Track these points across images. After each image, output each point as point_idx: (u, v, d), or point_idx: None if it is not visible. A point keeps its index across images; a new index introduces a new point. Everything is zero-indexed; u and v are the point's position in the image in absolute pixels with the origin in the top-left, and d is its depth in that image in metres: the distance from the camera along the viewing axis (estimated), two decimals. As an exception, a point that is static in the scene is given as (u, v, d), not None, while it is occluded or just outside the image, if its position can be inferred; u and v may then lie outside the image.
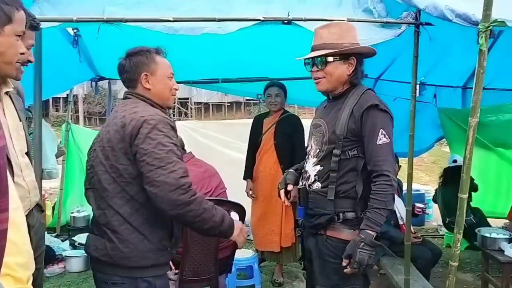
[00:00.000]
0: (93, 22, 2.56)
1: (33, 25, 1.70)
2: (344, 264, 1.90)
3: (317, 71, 2.02)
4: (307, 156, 2.14)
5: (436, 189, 5.45)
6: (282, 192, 2.16)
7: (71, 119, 5.27)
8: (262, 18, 2.58)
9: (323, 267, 2.02)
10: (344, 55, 1.98)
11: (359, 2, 3.00)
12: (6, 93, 1.72)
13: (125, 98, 1.90)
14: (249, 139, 4.09)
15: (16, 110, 1.77)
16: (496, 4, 1.86)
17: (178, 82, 5.44)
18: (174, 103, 22.73)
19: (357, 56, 2.03)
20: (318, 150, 2.04)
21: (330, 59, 1.98)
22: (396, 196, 3.83)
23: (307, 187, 2.05)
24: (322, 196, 2.00)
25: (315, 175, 2.03)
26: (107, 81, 5.02)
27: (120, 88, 21.29)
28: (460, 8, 2.02)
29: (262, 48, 3.86)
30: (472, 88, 5.01)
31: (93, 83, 4.81)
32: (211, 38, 2.87)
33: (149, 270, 1.76)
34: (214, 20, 2.55)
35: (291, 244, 3.86)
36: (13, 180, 1.58)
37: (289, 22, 2.64)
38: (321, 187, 2.00)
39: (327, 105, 2.12)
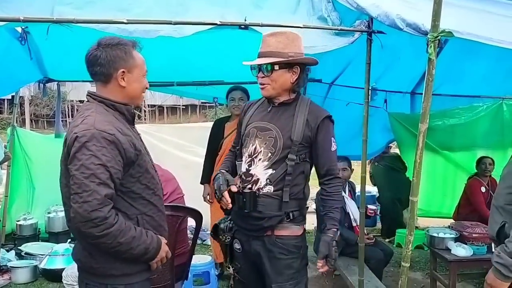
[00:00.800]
0: (41, 22, 2.45)
1: None
2: (320, 264, 2.06)
3: (263, 77, 2.08)
4: (249, 159, 2.12)
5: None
6: (226, 194, 2.08)
7: (16, 122, 5.01)
8: (219, 22, 2.57)
9: (275, 265, 2.09)
10: (288, 64, 2.06)
11: (313, 10, 3.05)
12: None
13: (87, 99, 1.75)
14: (208, 143, 4.03)
15: None
16: (444, 14, 1.95)
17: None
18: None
19: (300, 65, 2.11)
20: (270, 154, 2.08)
21: (276, 67, 2.05)
22: (349, 198, 3.95)
23: (254, 192, 2.07)
24: (274, 198, 2.06)
25: (266, 179, 2.07)
26: (56, 83, 4.81)
27: (69, 90, 20.51)
28: (411, 18, 2.09)
29: (218, 51, 3.86)
30: (421, 93, 5.26)
31: (41, 85, 4.60)
32: (166, 41, 2.82)
33: (120, 278, 1.71)
34: (169, 23, 2.51)
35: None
36: None
37: (246, 27, 2.64)
38: (274, 190, 2.07)
39: (271, 110, 2.15)
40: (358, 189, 6.82)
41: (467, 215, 4.50)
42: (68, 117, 22.11)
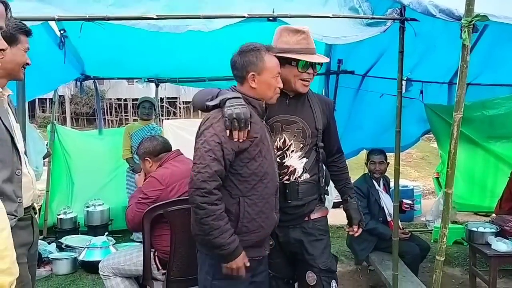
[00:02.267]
0: (75, 20, 2.52)
1: (26, 30, 1.92)
2: (355, 229, 2.38)
3: (312, 73, 2.19)
4: (279, 152, 2.20)
5: None
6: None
7: (57, 120, 5.22)
8: (246, 15, 2.56)
9: (318, 247, 2.26)
10: None
11: (345, 1, 3.00)
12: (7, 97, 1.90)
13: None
14: None
15: (14, 114, 1.95)
16: (479, -1, 1.86)
17: (164, 81, 5.43)
18: (162, 103, 22.67)
19: None
20: (301, 145, 2.21)
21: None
22: (384, 192, 3.87)
23: (294, 181, 2.20)
24: (311, 184, 2.25)
25: (303, 167, 2.22)
26: (92, 80, 4.96)
27: (107, 89, 21.05)
28: (444, 4, 2.02)
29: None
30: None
31: (79, 83, 4.74)
32: (198, 36, 2.84)
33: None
34: (198, 17, 2.53)
35: None
36: (20, 169, 1.78)
37: (274, 19, 2.62)
38: (310, 176, 2.24)
39: (289, 102, 2.22)
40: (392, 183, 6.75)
41: (510, 210, 4.31)
42: (107, 114, 22.78)
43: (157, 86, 5.18)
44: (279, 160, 2.18)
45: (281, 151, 2.20)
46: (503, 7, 2.01)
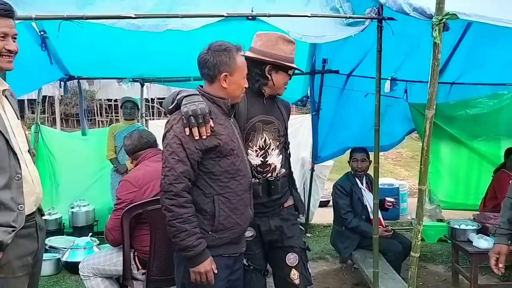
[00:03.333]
0: (52, 19, 2.51)
1: (2, 12, 1.64)
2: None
3: (289, 78, 2.38)
4: (261, 152, 2.31)
5: None
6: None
7: (47, 121, 5.19)
8: (226, 14, 2.56)
9: (294, 231, 2.45)
10: None
11: (326, 1, 3.01)
12: (3, 92, 1.77)
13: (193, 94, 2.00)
14: None
15: (13, 109, 1.80)
16: (452, -2, 1.88)
17: (149, 81, 5.39)
18: (153, 103, 22.56)
19: None
20: (278, 143, 2.36)
21: None
22: (367, 190, 3.89)
23: (275, 177, 2.34)
24: (285, 178, 2.43)
25: (280, 163, 2.38)
26: (77, 80, 4.93)
27: (98, 89, 20.90)
28: (417, 2, 2.03)
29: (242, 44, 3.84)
30: (443, 83, 5.13)
31: (62, 83, 4.71)
32: (183, 35, 2.83)
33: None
34: (177, 16, 2.53)
35: None
36: (20, 173, 1.65)
37: (253, 18, 2.63)
38: (285, 171, 2.42)
39: (266, 103, 2.35)
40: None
41: (494, 208, 4.34)
42: (97, 115, 22.62)
43: (142, 86, 5.17)
44: (262, 159, 2.30)
45: (263, 150, 2.30)
46: (474, 3, 2.03)
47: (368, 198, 3.81)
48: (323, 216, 5.58)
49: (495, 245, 2.23)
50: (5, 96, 1.78)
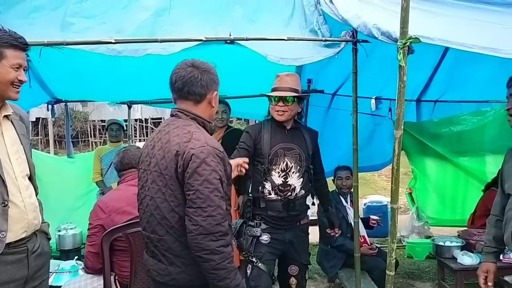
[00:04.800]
0: (33, 45, 2.54)
1: (14, 44, 1.74)
2: (336, 230, 3.12)
3: (283, 106, 2.73)
4: (282, 174, 2.76)
5: None
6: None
7: (40, 142, 5.20)
8: (204, 38, 2.62)
9: (303, 246, 2.93)
10: (300, 98, 2.81)
11: (306, 23, 3.08)
12: (7, 117, 1.79)
13: (175, 115, 1.85)
14: None
15: (18, 134, 1.82)
16: (419, 21, 1.95)
17: (137, 103, 5.41)
18: (147, 123, 22.57)
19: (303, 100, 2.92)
20: (298, 167, 2.77)
21: (295, 99, 2.74)
22: (351, 208, 3.91)
23: (294, 197, 2.77)
24: (304, 199, 2.85)
25: (300, 185, 2.80)
26: (64, 103, 4.97)
27: (91, 110, 20.88)
28: (386, 26, 2.10)
29: (221, 67, 3.90)
30: (426, 101, 5.18)
31: (50, 106, 4.75)
32: (166, 57, 2.89)
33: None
34: (156, 41, 2.58)
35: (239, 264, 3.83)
36: (8, 200, 1.64)
37: (231, 41, 2.69)
38: (304, 193, 2.84)
39: (288, 133, 2.82)
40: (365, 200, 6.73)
41: (483, 226, 4.34)
42: (91, 136, 22.63)
43: (129, 107, 5.21)
44: (283, 180, 2.76)
45: (284, 172, 2.76)
46: (438, 27, 2.09)
47: (353, 216, 3.82)
48: (311, 235, 5.56)
49: (483, 264, 2.26)
50: (11, 121, 1.82)
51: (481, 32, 2.25)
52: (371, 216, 3.87)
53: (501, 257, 3.41)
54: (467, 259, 3.43)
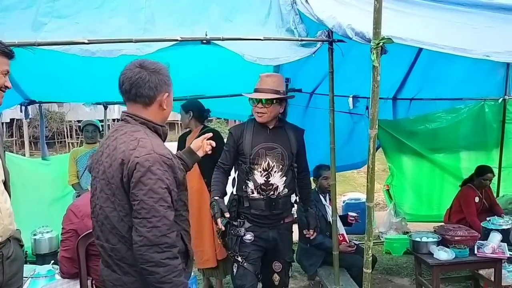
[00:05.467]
0: (3, 46, 2.47)
1: (5, 52, 1.83)
2: (311, 232, 3.01)
3: (262, 107, 2.75)
4: (265, 173, 2.78)
5: None
6: (219, 221, 2.65)
7: (15, 144, 5.07)
8: (179, 38, 2.59)
9: (286, 244, 2.96)
10: (281, 100, 2.80)
11: (282, 22, 3.08)
12: None
13: (123, 119, 1.76)
14: None
15: None
16: (392, 21, 1.97)
17: (113, 103, 5.30)
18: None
19: (286, 100, 2.88)
20: (281, 166, 2.79)
21: (274, 101, 2.75)
22: (330, 207, 3.93)
23: (277, 196, 2.80)
24: (288, 198, 2.90)
25: (283, 184, 2.82)
26: (38, 104, 4.87)
27: (67, 111, 20.52)
28: (359, 27, 2.12)
29: (198, 66, 3.88)
30: (402, 99, 5.26)
31: (23, 108, 4.64)
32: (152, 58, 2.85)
33: None
34: (130, 41, 2.54)
35: (226, 255, 3.84)
36: None
37: (208, 42, 2.67)
38: (287, 192, 2.87)
39: (270, 132, 2.84)
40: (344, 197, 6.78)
41: (459, 222, 4.44)
42: (67, 137, 22.24)
43: (105, 108, 5.14)
44: (265, 179, 2.79)
45: (266, 172, 2.79)
46: (411, 28, 2.13)
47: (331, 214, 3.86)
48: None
49: None
50: None
51: (453, 32, 2.29)
52: (349, 213, 3.91)
53: (475, 251, 3.52)
54: (443, 254, 3.50)
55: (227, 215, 2.67)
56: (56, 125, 21.62)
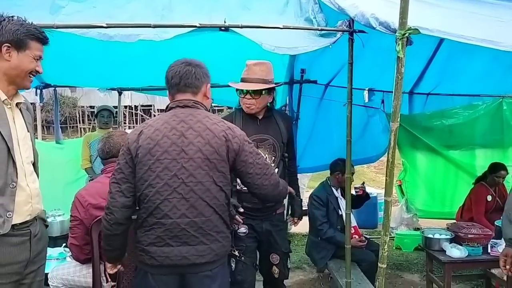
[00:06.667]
0: (22, 28, 2.46)
1: (38, 37, 1.90)
2: (295, 220, 3.12)
3: (250, 99, 2.70)
4: None
5: None
6: (237, 217, 2.57)
7: None
8: (198, 25, 2.56)
9: (281, 235, 2.92)
10: (270, 89, 2.73)
11: (301, 11, 3.03)
12: (17, 105, 1.88)
13: (192, 106, 2.00)
14: None
15: (25, 122, 1.91)
16: (416, 12, 1.92)
17: (127, 89, 5.32)
18: (137, 110, 22.36)
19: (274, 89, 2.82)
20: (273, 157, 2.76)
21: (263, 92, 2.68)
22: (343, 199, 3.91)
23: None
24: None
25: None
26: (53, 88, 4.88)
27: (80, 96, 20.68)
28: (384, 17, 2.07)
29: (210, 54, 3.85)
30: (419, 93, 5.18)
31: (38, 91, 4.65)
32: (157, 44, 2.83)
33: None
34: (149, 26, 2.52)
35: None
36: (16, 182, 1.74)
37: (226, 29, 2.63)
38: None
39: (260, 123, 2.79)
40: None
41: (471, 220, 4.40)
42: (79, 122, 22.40)
43: (119, 94, 5.14)
44: None
45: None
46: (438, 19, 2.07)
47: (344, 207, 3.83)
48: (302, 226, 5.54)
49: (505, 248, 2.42)
50: (20, 109, 1.90)
51: (479, 25, 2.24)
52: (354, 186, 3.86)
53: (489, 249, 3.47)
54: (455, 251, 3.46)
55: (241, 209, 2.61)
56: (68, 110, 21.78)
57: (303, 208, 4.50)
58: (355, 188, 3.89)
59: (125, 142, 2.01)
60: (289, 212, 3.33)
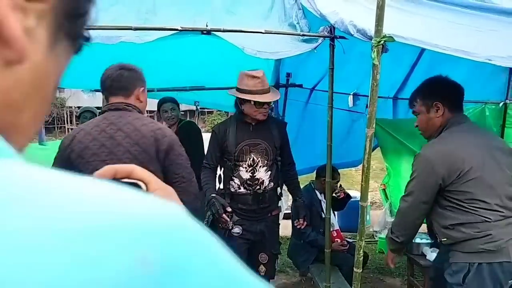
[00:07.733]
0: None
1: None
2: (301, 221, 3.04)
3: (267, 107, 2.87)
4: (250, 168, 2.85)
5: None
6: (224, 216, 2.70)
7: None
8: (180, 28, 2.57)
9: (274, 236, 3.04)
10: None
11: (285, 16, 3.06)
12: None
13: (123, 109, 2.05)
14: None
15: None
16: (396, 20, 1.94)
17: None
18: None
19: None
20: (266, 161, 2.86)
21: None
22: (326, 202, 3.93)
23: (263, 190, 2.88)
24: (274, 191, 2.97)
25: (268, 179, 2.89)
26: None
27: (68, 96, 20.52)
28: (362, 24, 2.09)
29: (198, 57, 3.85)
30: (403, 99, 5.23)
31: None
32: (147, 48, 2.83)
33: None
34: (130, 29, 2.51)
35: None
36: None
37: (208, 32, 2.64)
38: (273, 186, 2.94)
39: (253, 129, 2.89)
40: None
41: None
42: (67, 123, 22.17)
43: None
44: (251, 174, 2.87)
45: (251, 167, 2.86)
46: (414, 27, 2.10)
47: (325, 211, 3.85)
48: (286, 229, 5.57)
49: None
50: None
51: (456, 34, 2.27)
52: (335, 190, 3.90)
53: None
54: (435, 255, 3.48)
55: (229, 209, 2.71)
56: (56, 111, 21.57)
57: (287, 212, 4.53)
58: (335, 193, 3.93)
59: (59, 148, 2.07)
60: (292, 215, 3.48)
